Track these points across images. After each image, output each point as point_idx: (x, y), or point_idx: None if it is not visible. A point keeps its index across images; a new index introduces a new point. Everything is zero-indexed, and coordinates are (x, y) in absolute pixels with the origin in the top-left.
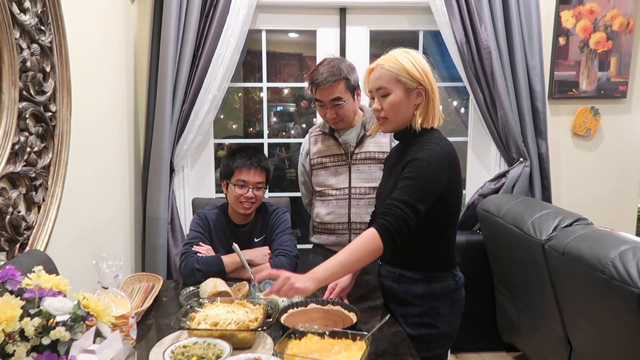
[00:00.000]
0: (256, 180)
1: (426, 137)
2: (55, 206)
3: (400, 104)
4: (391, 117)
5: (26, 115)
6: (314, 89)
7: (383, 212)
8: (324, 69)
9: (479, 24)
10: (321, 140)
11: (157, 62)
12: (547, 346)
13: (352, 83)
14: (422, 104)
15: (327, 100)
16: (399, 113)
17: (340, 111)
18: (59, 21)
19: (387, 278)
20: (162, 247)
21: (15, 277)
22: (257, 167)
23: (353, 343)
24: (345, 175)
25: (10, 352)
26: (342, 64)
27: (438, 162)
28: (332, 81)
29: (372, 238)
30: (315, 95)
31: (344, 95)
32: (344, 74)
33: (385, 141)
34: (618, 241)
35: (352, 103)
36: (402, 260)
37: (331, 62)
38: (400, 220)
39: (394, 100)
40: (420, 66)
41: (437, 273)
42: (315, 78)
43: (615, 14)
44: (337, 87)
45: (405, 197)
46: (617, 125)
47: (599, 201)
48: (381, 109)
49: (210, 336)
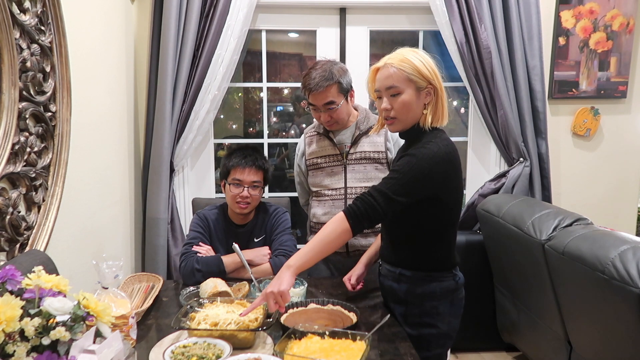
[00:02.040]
0: (251, 179)
1: (429, 136)
2: (55, 206)
3: (411, 103)
4: (401, 116)
5: (26, 115)
6: (307, 94)
7: (356, 198)
8: (316, 74)
9: (479, 24)
10: (316, 141)
11: (157, 62)
12: (547, 346)
13: (345, 86)
14: (431, 103)
15: (321, 104)
16: (409, 112)
17: (334, 114)
18: (59, 21)
19: (387, 277)
20: (162, 247)
21: (15, 277)
22: (252, 166)
23: (353, 343)
24: (340, 175)
25: (10, 352)
26: (333, 68)
27: (431, 161)
28: (324, 86)
29: (340, 221)
30: (309, 100)
31: (337, 99)
32: (335, 78)
33: (380, 140)
34: (618, 241)
35: (346, 105)
36: (402, 260)
37: (323, 65)
38: (368, 207)
39: (405, 100)
40: (429, 65)
41: (436, 273)
42: (307, 83)
43: (615, 14)
44: (329, 91)
45: (382, 187)
46: (617, 125)
47: (599, 201)
48: (391, 109)
49: (210, 336)
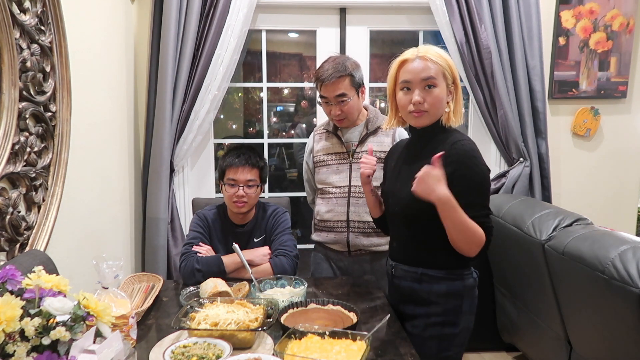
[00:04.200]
0: (246, 177)
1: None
2: (55, 206)
3: (443, 98)
4: (432, 110)
5: (26, 115)
6: (319, 86)
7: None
8: (329, 66)
9: (479, 24)
10: (325, 138)
11: (157, 62)
12: (547, 346)
13: (357, 80)
14: (452, 101)
15: (332, 96)
16: (440, 107)
17: (345, 108)
18: (59, 21)
19: (404, 279)
20: (162, 247)
21: (16, 277)
22: (246, 165)
23: (353, 343)
24: (346, 173)
25: (10, 352)
26: (347, 61)
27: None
28: (337, 77)
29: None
30: (320, 92)
31: (349, 92)
32: (348, 71)
33: (387, 141)
34: (618, 241)
35: (357, 100)
36: (423, 259)
37: (336, 59)
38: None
39: (440, 95)
40: (452, 63)
41: (458, 270)
42: (320, 74)
43: (615, 14)
44: (342, 83)
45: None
46: (617, 125)
47: (599, 201)
48: (423, 101)
49: (211, 336)
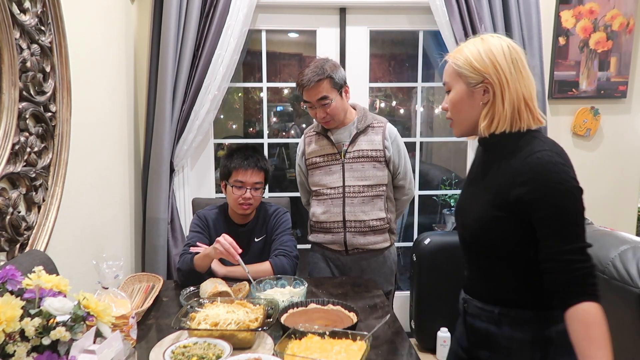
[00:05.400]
0: (254, 180)
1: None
2: (55, 206)
3: (460, 102)
4: (454, 117)
5: (26, 116)
6: (301, 91)
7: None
8: (308, 71)
9: (479, 24)
10: (315, 141)
11: (157, 62)
12: None
13: (337, 81)
14: (488, 103)
15: (314, 100)
16: (460, 113)
17: (329, 110)
18: (59, 21)
19: (479, 318)
20: (162, 247)
21: (16, 277)
22: (255, 168)
23: (353, 343)
24: (339, 174)
25: (10, 352)
26: (325, 64)
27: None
28: (315, 80)
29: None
30: (304, 97)
31: (330, 94)
32: (327, 73)
33: (378, 139)
34: (618, 241)
35: (340, 101)
36: (502, 295)
37: (315, 63)
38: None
39: (453, 99)
40: (490, 57)
41: (550, 312)
42: (300, 80)
43: (615, 14)
44: (321, 86)
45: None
46: (617, 125)
47: (599, 201)
48: (447, 109)
49: (211, 336)
